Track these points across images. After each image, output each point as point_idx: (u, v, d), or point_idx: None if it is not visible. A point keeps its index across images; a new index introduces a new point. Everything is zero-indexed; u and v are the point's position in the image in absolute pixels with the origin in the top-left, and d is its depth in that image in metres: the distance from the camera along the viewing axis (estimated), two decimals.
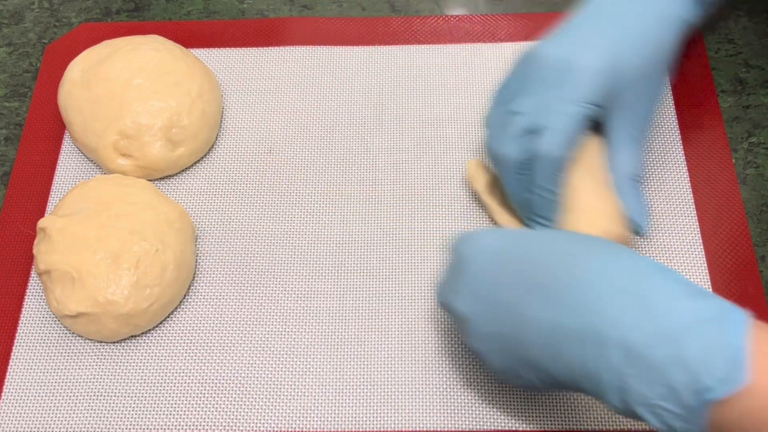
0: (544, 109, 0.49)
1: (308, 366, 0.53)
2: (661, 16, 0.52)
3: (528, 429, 0.51)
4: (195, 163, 0.62)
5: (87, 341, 0.55)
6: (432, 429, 0.51)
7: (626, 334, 0.39)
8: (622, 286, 0.40)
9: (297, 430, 0.51)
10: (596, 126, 0.53)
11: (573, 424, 0.51)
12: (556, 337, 0.41)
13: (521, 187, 0.51)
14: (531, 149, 0.49)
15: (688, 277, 0.53)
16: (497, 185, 0.57)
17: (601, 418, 0.51)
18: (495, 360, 0.45)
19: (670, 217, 0.58)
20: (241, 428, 0.52)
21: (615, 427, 0.50)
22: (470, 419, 0.51)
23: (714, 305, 0.39)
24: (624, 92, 0.51)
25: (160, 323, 0.55)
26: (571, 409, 0.51)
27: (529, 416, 0.51)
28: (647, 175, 0.60)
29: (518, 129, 0.50)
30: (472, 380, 0.52)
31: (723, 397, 0.37)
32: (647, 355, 0.38)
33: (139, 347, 0.54)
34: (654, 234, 0.57)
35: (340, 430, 0.51)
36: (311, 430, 0.51)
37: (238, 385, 0.53)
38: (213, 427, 0.52)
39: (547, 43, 0.51)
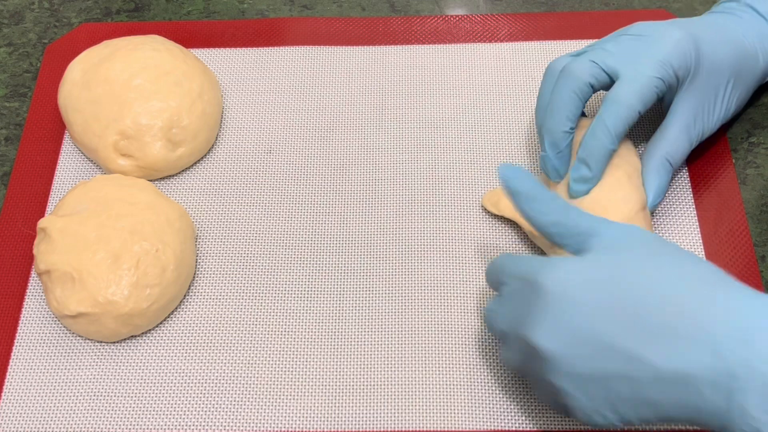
0: (628, 57, 0.51)
1: (308, 366, 0.53)
2: (754, 34, 0.55)
3: (528, 429, 0.51)
4: (195, 163, 0.62)
5: (87, 341, 0.55)
6: (432, 429, 0.51)
7: None
8: (755, 323, 0.38)
9: (297, 430, 0.51)
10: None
11: (573, 424, 0.51)
12: (683, 378, 0.39)
13: (571, 111, 0.52)
14: (601, 82, 0.52)
15: None
16: None
17: None
18: (582, 399, 0.42)
19: (670, 217, 0.58)
20: (241, 428, 0.52)
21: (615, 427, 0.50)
22: (470, 419, 0.51)
23: None
24: (698, 77, 0.52)
25: (160, 323, 0.55)
26: None
27: (529, 416, 0.51)
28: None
29: (598, 57, 0.52)
30: (472, 380, 0.52)
31: None
32: None
33: (139, 347, 0.54)
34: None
35: (340, 430, 0.51)
36: (311, 430, 0.51)
37: (238, 385, 0.53)
38: (213, 427, 0.52)
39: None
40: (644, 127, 0.62)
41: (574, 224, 0.45)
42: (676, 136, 0.54)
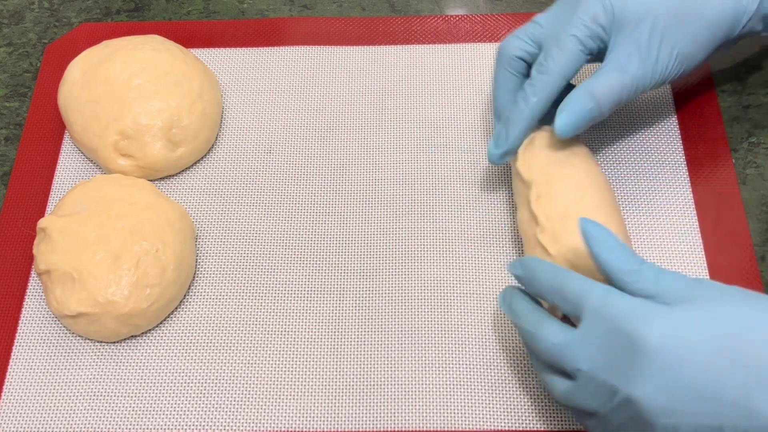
0: (550, 25, 0.54)
1: (308, 366, 0.53)
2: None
3: (528, 429, 0.51)
4: (195, 163, 0.62)
5: (87, 341, 0.55)
6: (432, 429, 0.51)
7: None
8: None
9: (297, 430, 0.51)
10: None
11: (574, 424, 0.51)
12: None
13: (508, 87, 0.56)
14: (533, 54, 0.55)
15: None
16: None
17: None
18: None
19: (670, 217, 0.58)
20: (241, 428, 0.52)
21: None
22: (470, 419, 0.51)
23: None
24: (625, 24, 0.52)
25: (160, 323, 0.55)
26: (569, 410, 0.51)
27: (529, 416, 0.51)
28: (648, 178, 0.60)
29: (525, 31, 0.55)
30: (472, 380, 0.52)
31: None
32: None
33: (139, 347, 0.54)
34: (654, 234, 0.57)
35: (340, 430, 0.51)
36: (311, 430, 0.51)
37: (238, 385, 0.53)
38: (213, 427, 0.52)
39: None
40: (645, 130, 0.62)
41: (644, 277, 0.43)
42: (606, 71, 0.52)
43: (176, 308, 0.56)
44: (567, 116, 0.51)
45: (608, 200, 0.52)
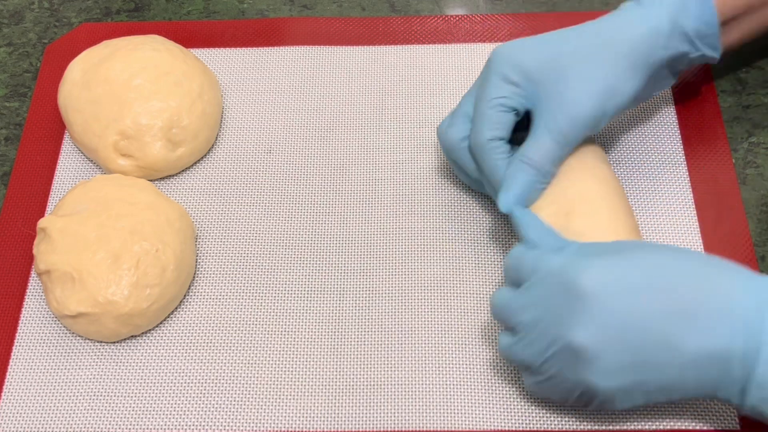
0: (474, 103, 0.54)
1: (308, 366, 0.53)
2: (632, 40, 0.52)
3: (528, 429, 0.51)
4: (195, 163, 0.62)
5: (87, 341, 0.55)
6: (432, 429, 0.51)
7: None
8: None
9: (297, 430, 0.51)
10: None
11: (573, 424, 0.51)
12: (703, 360, 0.42)
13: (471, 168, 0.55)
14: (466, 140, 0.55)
15: None
16: None
17: (600, 418, 0.51)
18: (613, 390, 0.44)
19: (670, 217, 0.58)
20: (241, 428, 0.52)
21: (615, 426, 0.50)
22: (470, 419, 0.51)
23: None
24: (544, 78, 0.52)
25: (160, 323, 0.55)
26: (569, 409, 0.51)
27: (529, 416, 0.51)
28: (648, 177, 0.60)
29: (460, 115, 0.55)
30: (472, 380, 0.52)
31: None
32: None
33: (139, 347, 0.54)
34: (654, 234, 0.57)
35: (340, 430, 0.51)
36: (311, 430, 0.51)
37: (238, 385, 0.53)
38: (213, 427, 0.52)
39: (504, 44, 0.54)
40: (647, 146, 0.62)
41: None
42: (536, 135, 0.52)
43: (176, 308, 0.56)
44: (507, 195, 0.52)
45: (614, 195, 0.52)
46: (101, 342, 0.55)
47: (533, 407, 0.51)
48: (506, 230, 0.58)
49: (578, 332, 0.43)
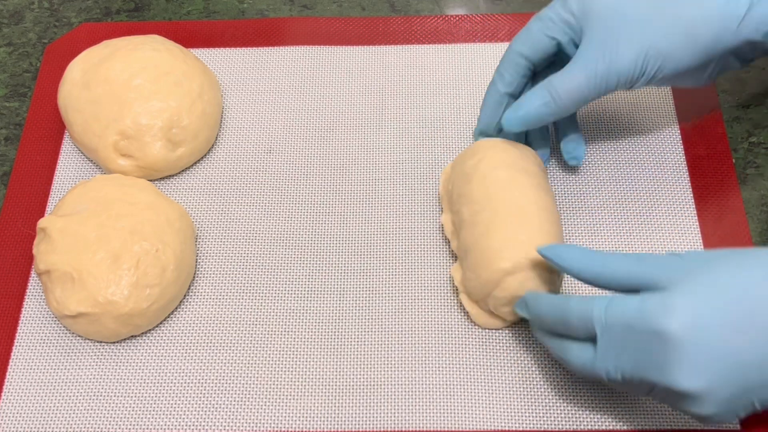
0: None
1: (308, 366, 0.53)
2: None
3: (528, 429, 0.51)
4: (195, 163, 0.62)
5: (87, 341, 0.55)
6: (432, 429, 0.51)
7: None
8: None
9: (297, 430, 0.51)
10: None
11: (573, 424, 0.51)
12: None
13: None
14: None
15: None
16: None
17: (600, 418, 0.51)
18: (720, 411, 0.43)
19: (670, 217, 0.58)
20: (241, 428, 0.52)
21: (616, 426, 0.50)
22: (470, 419, 0.51)
23: None
24: (600, 20, 0.51)
25: (160, 323, 0.55)
26: (569, 409, 0.51)
27: (529, 416, 0.51)
28: (648, 178, 0.60)
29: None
30: (472, 380, 0.52)
31: None
32: None
33: (139, 347, 0.54)
34: (654, 234, 0.57)
35: (340, 430, 0.51)
36: (311, 430, 0.51)
37: (238, 385, 0.53)
38: (213, 427, 0.52)
39: None
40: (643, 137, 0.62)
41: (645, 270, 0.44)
42: (570, 68, 0.51)
43: (176, 308, 0.56)
44: (514, 112, 0.52)
45: (509, 212, 0.51)
46: (101, 342, 0.55)
47: (533, 407, 0.51)
48: None
49: (680, 379, 0.41)
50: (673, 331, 0.41)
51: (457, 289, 0.55)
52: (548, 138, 0.59)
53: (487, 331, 0.54)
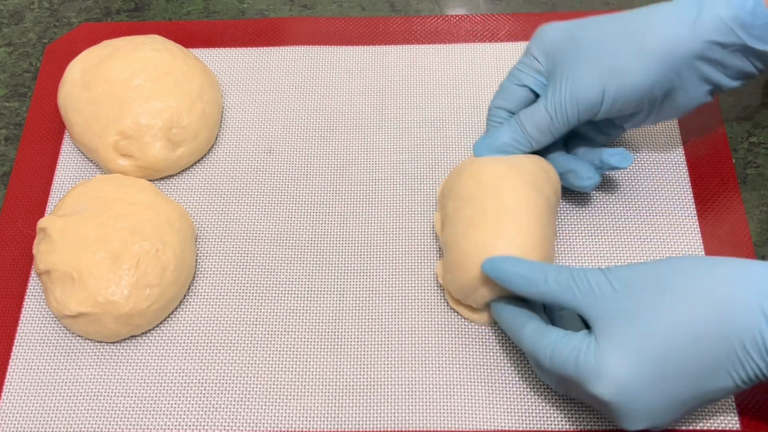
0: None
1: (308, 366, 0.53)
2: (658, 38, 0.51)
3: (528, 429, 0.51)
4: (195, 163, 0.62)
5: (87, 341, 0.55)
6: (432, 429, 0.51)
7: None
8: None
9: (297, 430, 0.51)
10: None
11: (573, 424, 0.51)
12: (716, 350, 0.43)
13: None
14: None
15: None
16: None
17: (600, 417, 0.51)
18: (672, 418, 0.46)
19: (670, 217, 0.58)
20: (241, 428, 0.52)
21: (616, 426, 0.50)
22: (470, 419, 0.51)
23: None
24: (563, 63, 0.52)
25: (160, 323, 0.55)
26: (569, 410, 0.51)
27: (529, 416, 0.51)
28: (648, 178, 0.60)
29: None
30: (472, 380, 0.52)
31: None
32: None
33: (139, 347, 0.54)
34: (654, 234, 0.57)
35: (340, 430, 0.51)
36: (311, 430, 0.51)
37: (238, 385, 0.53)
38: (213, 427, 0.52)
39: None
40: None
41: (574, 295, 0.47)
42: (535, 103, 0.53)
43: (176, 308, 0.56)
44: (482, 139, 0.55)
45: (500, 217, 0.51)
46: (101, 342, 0.55)
47: (533, 407, 0.51)
48: None
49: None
50: (609, 399, 0.44)
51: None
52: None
53: (487, 331, 0.54)
